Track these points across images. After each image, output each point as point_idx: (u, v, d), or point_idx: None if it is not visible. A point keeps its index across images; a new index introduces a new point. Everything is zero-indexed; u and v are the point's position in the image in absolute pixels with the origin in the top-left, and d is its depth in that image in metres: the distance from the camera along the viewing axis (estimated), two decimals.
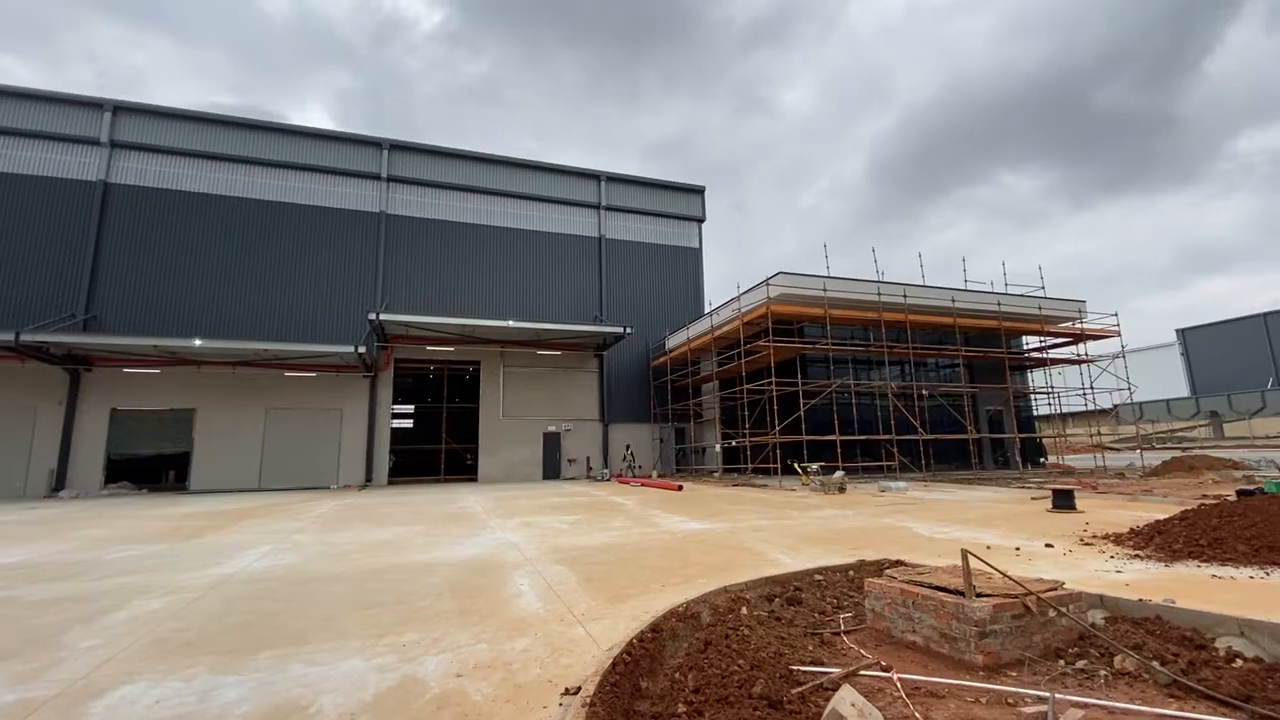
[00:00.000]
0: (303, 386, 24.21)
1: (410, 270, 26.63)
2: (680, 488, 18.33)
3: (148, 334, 21.37)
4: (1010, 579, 3.86)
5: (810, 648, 3.76)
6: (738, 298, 21.91)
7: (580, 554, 7.51)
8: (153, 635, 4.45)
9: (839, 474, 16.35)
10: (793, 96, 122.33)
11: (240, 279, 24.33)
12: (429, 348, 25.78)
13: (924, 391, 22.96)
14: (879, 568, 5.69)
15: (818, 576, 5.55)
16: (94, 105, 24.13)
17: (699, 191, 32.98)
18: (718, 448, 24.83)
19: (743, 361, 21.28)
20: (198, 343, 20.27)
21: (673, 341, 27.85)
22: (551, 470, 26.64)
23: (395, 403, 26.31)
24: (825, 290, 20.47)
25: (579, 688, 3.11)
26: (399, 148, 27.75)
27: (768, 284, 20.15)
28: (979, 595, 3.60)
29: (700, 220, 32.68)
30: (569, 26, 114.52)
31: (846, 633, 4.09)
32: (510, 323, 23.67)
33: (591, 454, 27.31)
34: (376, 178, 26.99)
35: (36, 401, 21.45)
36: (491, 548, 8.15)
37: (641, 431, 28.58)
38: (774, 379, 19.96)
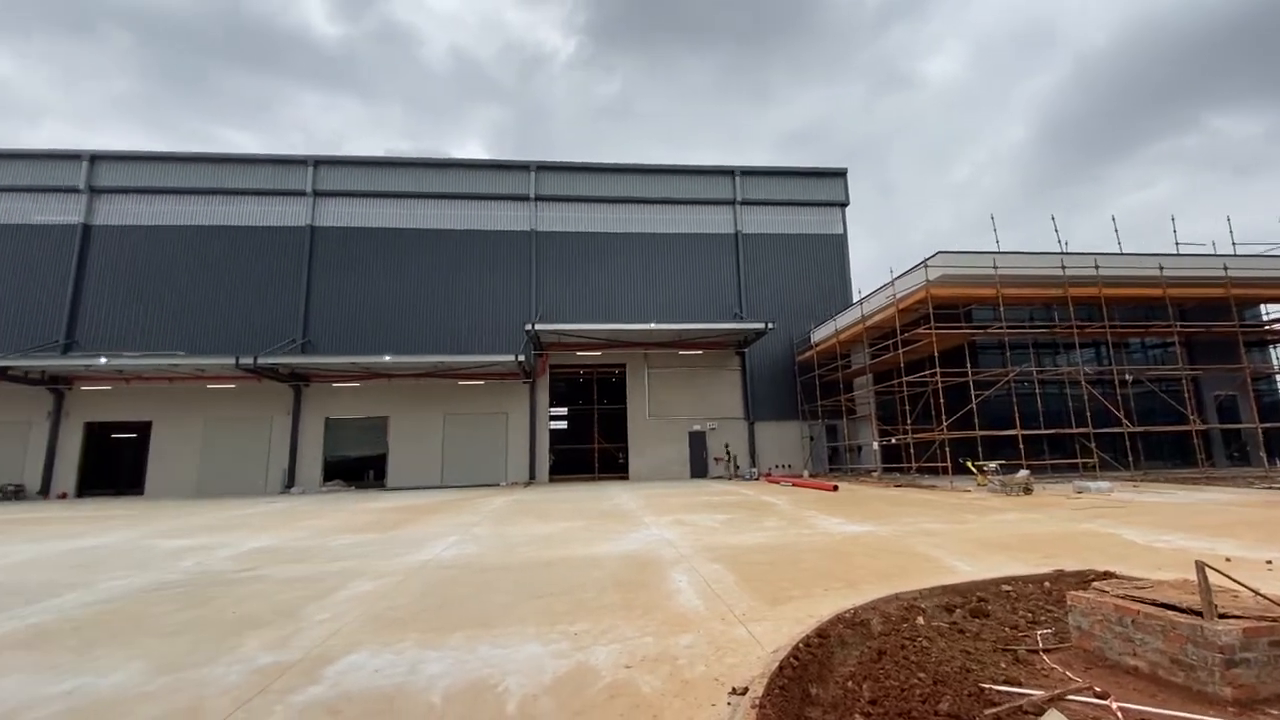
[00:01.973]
0: (474, 394, 26.72)
1: (560, 281, 28.28)
2: (835, 488, 17.50)
3: (349, 353, 24.90)
4: (1266, 598, 3.18)
5: (1002, 665, 3.39)
6: (891, 283, 20.44)
7: (735, 553, 7.45)
8: (369, 612, 5.15)
9: (1023, 473, 14.60)
10: (937, 66, 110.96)
11: (419, 300, 27.47)
12: (579, 353, 27.17)
13: (1127, 376, 19.75)
14: (1083, 579, 4.99)
15: (1005, 587, 4.99)
16: (299, 162, 28.65)
17: (840, 174, 31.31)
18: (875, 446, 23.34)
19: (900, 352, 19.80)
20: (388, 359, 23.22)
21: (819, 334, 26.69)
22: (698, 469, 26.79)
23: (552, 406, 28.07)
24: (996, 268, 18.39)
25: (746, 688, 3.07)
26: (544, 168, 29.62)
27: (926, 265, 18.56)
28: (1222, 616, 3.01)
29: (844, 204, 30.99)
30: (693, 36, 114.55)
31: (1046, 651, 3.63)
32: (652, 325, 24.20)
33: (738, 453, 27.03)
34: (526, 199, 29.05)
35: (271, 414, 25.90)
36: (647, 544, 8.36)
37: (789, 429, 27.74)
38: (938, 369, 18.33)
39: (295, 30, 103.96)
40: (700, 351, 27.58)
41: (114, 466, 25.93)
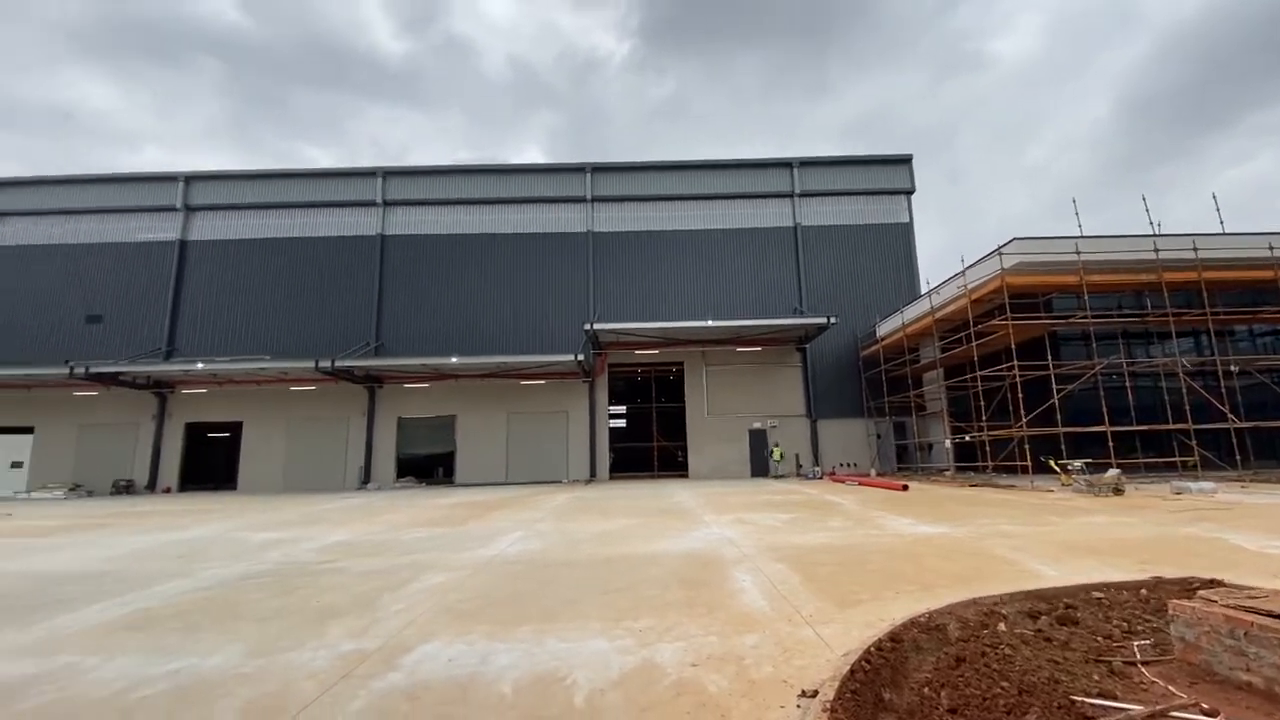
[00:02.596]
0: (535, 393, 27.32)
1: (617, 280, 28.50)
2: (905, 487, 16.87)
3: (418, 355, 25.92)
4: None
5: (1095, 677, 3.17)
6: (962, 272, 19.51)
7: (799, 553, 7.30)
8: (440, 604, 5.35)
9: (1112, 472, 13.64)
10: (1007, 45, 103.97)
11: (482, 302, 28.31)
12: (637, 352, 27.31)
13: (1233, 367, 18.10)
14: (1185, 587, 4.60)
15: (1097, 594, 4.67)
16: (370, 174, 30.06)
17: (905, 161, 30.12)
18: (947, 443, 22.35)
19: (973, 345, 18.87)
20: (454, 360, 24.06)
21: (885, 328, 25.78)
22: (759, 467, 26.41)
23: (610, 404, 28.34)
24: (1079, 253, 17.24)
25: (816, 691, 3.00)
26: (600, 170, 29.91)
27: (1000, 253, 17.61)
28: None
29: (909, 192, 29.81)
30: (747, 33, 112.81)
31: (1145, 664, 3.37)
32: (710, 322, 24.05)
33: (800, 451, 26.48)
34: (583, 200, 29.42)
35: (348, 414, 27.31)
36: (708, 543, 8.31)
37: (854, 427, 26.94)
38: (1015, 362, 17.35)
39: (364, 49, 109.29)
40: (759, 348, 27.18)
41: (210, 463, 28.01)
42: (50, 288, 28.49)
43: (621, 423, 37.38)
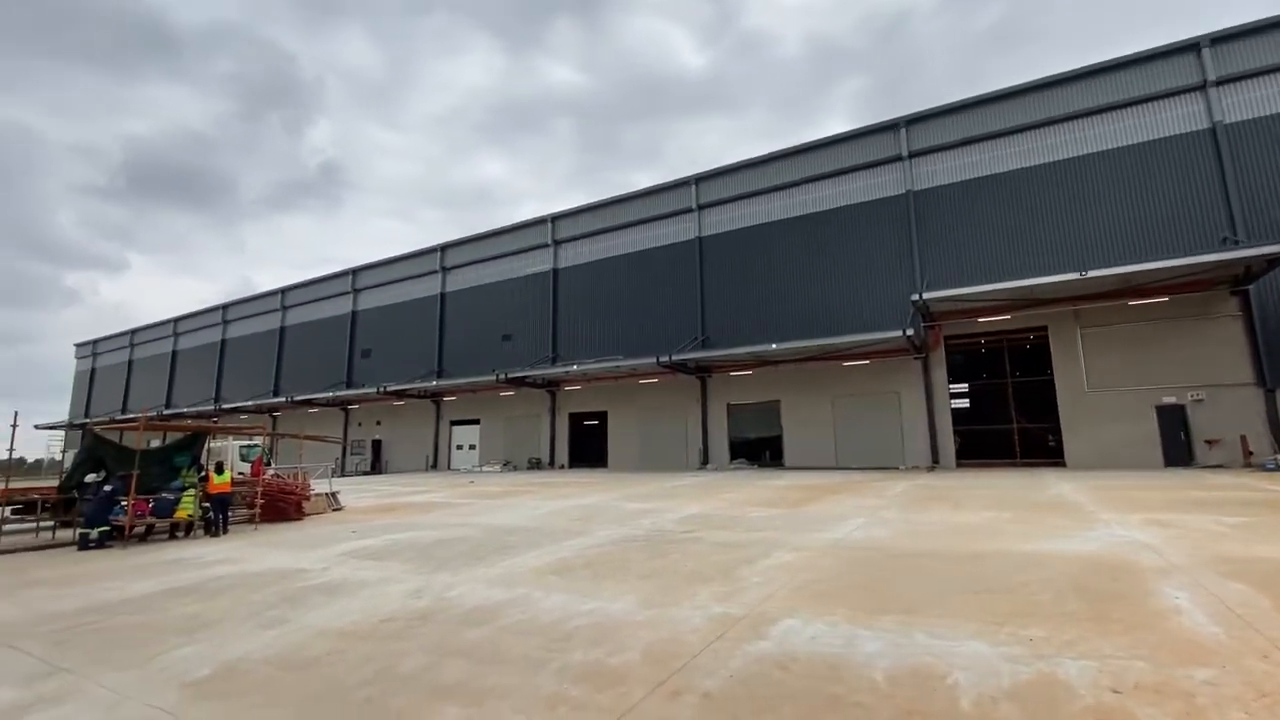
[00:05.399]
0: (860, 374, 26.02)
1: (947, 240, 25.11)
2: None
3: (739, 344, 27.21)
4: None
5: None
6: None
7: (1268, 568, 5.35)
8: (794, 582, 5.50)
9: None
10: None
11: (797, 287, 28.17)
12: (979, 320, 23.65)
13: None
14: None
15: None
16: (684, 184, 32.64)
17: None
18: None
19: None
20: (773, 346, 24.53)
21: None
22: (1177, 455, 20.15)
23: (950, 382, 25.18)
24: None
25: None
26: (916, 120, 26.79)
27: None
28: None
29: None
30: None
31: None
32: (1087, 273, 19.26)
33: (1248, 432, 19.32)
34: (898, 159, 26.76)
35: (686, 403, 30.28)
36: (1111, 546, 6.72)
37: None
38: None
39: (672, 72, 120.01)
40: (1165, 298, 20.72)
41: (587, 445, 34.28)
42: (480, 316, 38.61)
43: (964, 402, 33.06)
